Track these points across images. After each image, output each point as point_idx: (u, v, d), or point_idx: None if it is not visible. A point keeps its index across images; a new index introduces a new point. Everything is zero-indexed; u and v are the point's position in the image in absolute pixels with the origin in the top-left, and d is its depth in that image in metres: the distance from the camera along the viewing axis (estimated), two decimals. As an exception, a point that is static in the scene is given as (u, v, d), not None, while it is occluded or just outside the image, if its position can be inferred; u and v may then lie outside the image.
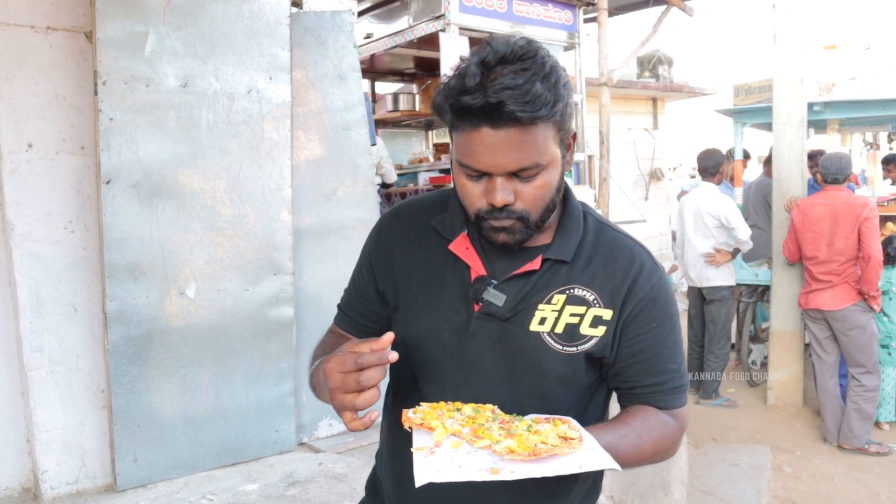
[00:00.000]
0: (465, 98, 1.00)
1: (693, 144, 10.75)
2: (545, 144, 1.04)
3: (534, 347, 1.12)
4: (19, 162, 2.76)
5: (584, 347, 1.12)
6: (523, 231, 1.09)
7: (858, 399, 4.37)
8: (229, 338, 3.09)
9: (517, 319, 1.12)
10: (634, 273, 1.15)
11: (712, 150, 5.52)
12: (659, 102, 10.78)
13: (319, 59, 3.44)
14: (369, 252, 1.28)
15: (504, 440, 0.97)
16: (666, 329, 1.17)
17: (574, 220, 1.18)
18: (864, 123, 7.23)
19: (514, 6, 4.53)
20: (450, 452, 0.95)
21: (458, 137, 1.06)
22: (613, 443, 1.05)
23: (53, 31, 2.81)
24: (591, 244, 1.17)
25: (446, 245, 1.18)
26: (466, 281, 1.15)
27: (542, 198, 1.08)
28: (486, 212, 1.08)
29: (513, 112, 0.98)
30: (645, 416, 1.15)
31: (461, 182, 1.09)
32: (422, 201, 1.29)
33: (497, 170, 1.04)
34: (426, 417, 1.02)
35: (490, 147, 1.02)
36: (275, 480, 2.98)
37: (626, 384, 1.17)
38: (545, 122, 1.03)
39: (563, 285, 1.13)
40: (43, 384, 2.83)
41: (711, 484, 3.97)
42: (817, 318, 4.55)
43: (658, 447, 1.14)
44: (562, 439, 0.98)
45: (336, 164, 3.49)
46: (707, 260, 5.22)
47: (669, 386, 1.17)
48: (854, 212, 4.32)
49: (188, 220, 2.98)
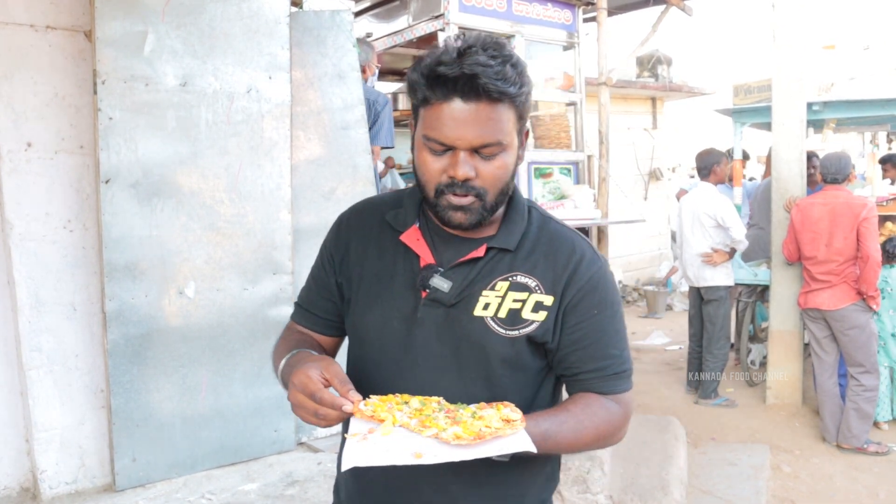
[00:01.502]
0: (441, 68, 1.08)
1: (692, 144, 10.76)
2: (507, 125, 1.12)
3: (478, 331, 1.17)
4: (18, 161, 2.75)
5: (526, 331, 1.17)
6: (479, 212, 1.15)
7: (857, 398, 4.37)
8: (228, 337, 3.09)
9: (462, 305, 1.18)
10: (575, 262, 1.20)
11: (707, 151, 5.52)
12: (658, 102, 10.78)
13: (319, 58, 3.44)
14: (329, 246, 1.34)
15: (450, 427, 1.02)
16: (607, 316, 1.21)
17: (519, 212, 1.24)
18: (863, 123, 7.23)
19: (513, 5, 4.53)
20: (381, 439, 1.00)
21: (426, 112, 1.12)
22: (553, 429, 1.10)
23: (53, 30, 2.81)
24: (534, 235, 1.23)
25: (398, 237, 1.23)
26: (416, 270, 1.21)
27: (500, 178, 1.14)
28: (447, 186, 1.13)
29: (485, 85, 1.06)
30: (587, 403, 1.19)
31: (423, 158, 1.15)
32: (378, 199, 1.37)
33: (462, 143, 1.10)
34: (376, 409, 1.05)
35: (458, 120, 1.09)
36: (274, 480, 2.98)
37: (570, 370, 1.22)
38: (509, 103, 1.11)
39: (507, 272, 1.19)
40: (42, 384, 2.82)
41: (710, 483, 3.98)
42: (816, 317, 4.55)
43: (600, 432, 1.19)
44: (505, 422, 1.04)
45: (335, 164, 3.49)
46: (704, 260, 5.22)
47: (611, 371, 1.21)
48: (853, 212, 4.32)
49: (187, 220, 2.97)
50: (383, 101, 4.09)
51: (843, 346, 4.45)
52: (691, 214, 5.34)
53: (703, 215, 5.22)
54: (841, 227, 4.35)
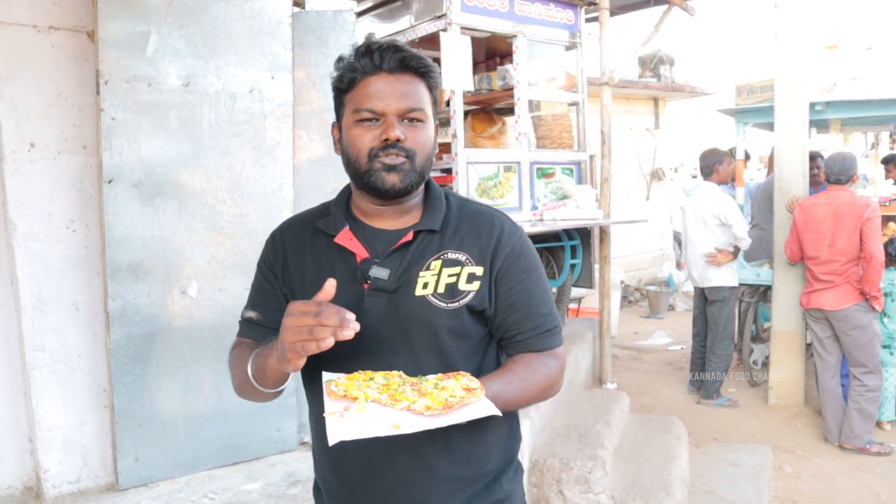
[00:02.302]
0: (370, 45, 1.25)
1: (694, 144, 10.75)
2: (426, 100, 1.28)
3: (422, 309, 1.27)
4: (21, 161, 2.76)
5: (465, 301, 1.28)
6: (409, 174, 1.26)
7: (860, 399, 4.36)
8: (231, 337, 3.05)
9: (403, 289, 1.28)
10: (497, 233, 1.33)
11: (710, 151, 5.52)
12: (660, 102, 10.77)
13: (321, 58, 3.45)
14: (268, 262, 1.44)
15: (419, 399, 1.10)
16: (533, 280, 1.34)
17: (437, 197, 1.36)
18: (866, 123, 7.22)
19: (515, 5, 4.52)
20: (357, 415, 1.07)
21: (353, 94, 1.27)
22: (501, 389, 1.21)
23: (56, 30, 2.82)
24: (455, 215, 1.35)
25: (332, 240, 1.33)
26: (354, 266, 1.30)
27: (425, 144, 1.28)
28: (380, 149, 1.24)
29: (406, 57, 1.25)
30: (528, 363, 1.31)
31: (354, 134, 1.27)
32: (305, 213, 1.49)
33: (391, 109, 1.24)
34: (348, 389, 1.13)
35: (386, 90, 1.24)
36: (276, 479, 2.98)
37: (508, 333, 1.33)
38: (425, 81, 1.28)
39: (437, 252, 1.30)
40: (45, 383, 2.83)
41: (712, 483, 3.97)
42: (819, 317, 4.55)
43: (542, 386, 1.31)
44: (466, 390, 1.14)
45: (337, 164, 3.46)
46: (708, 260, 5.22)
47: (545, 328, 1.33)
48: (856, 212, 4.32)
49: (190, 220, 2.98)
50: None
51: (845, 346, 4.44)
52: (695, 214, 5.34)
53: (706, 214, 5.22)
54: (844, 227, 4.35)
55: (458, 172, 4.12)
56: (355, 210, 1.38)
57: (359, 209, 1.37)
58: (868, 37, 14.63)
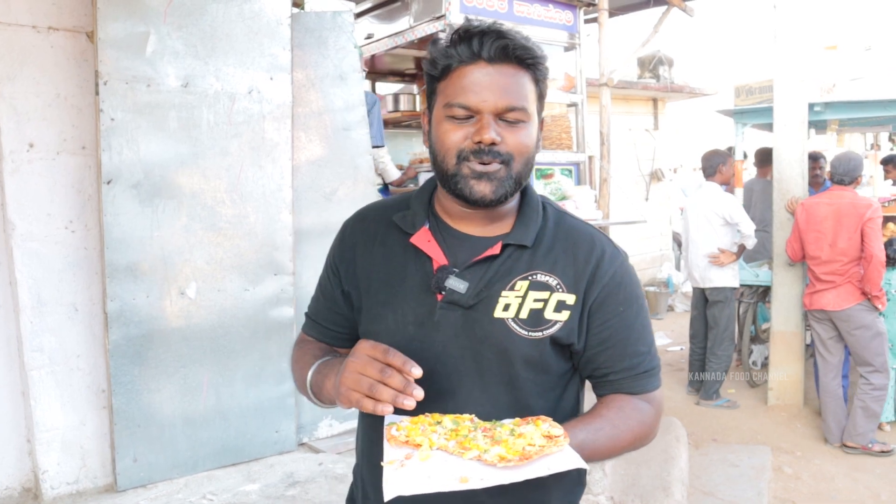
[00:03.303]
0: (468, 27, 1.09)
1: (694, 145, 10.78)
2: (530, 96, 1.11)
3: (499, 333, 1.12)
4: (20, 162, 2.76)
5: (550, 332, 1.13)
6: (504, 182, 1.10)
7: (865, 397, 4.35)
8: (230, 338, 3.09)
9: (481, 307, 1.13)
10: (597, 258, 1.16)
11: (716, 151, 5.52)
12: (659, 103, 10.77)
13: (320, 59, 3.45)
14: (334, 255, 1.30)
15: (492, 448, 0.96)
16: (633, 312, 1.18)
17: (533, 207, 1.20)
18: (865, 124, 7.22)
19: (514, 6, 4.53)
20: (420, 464, 0.95)
21: (447, 82, 1.11)
22: (589, 438, 1.06)
23: (55, 31, 2.82)
24: (551, 231, 1.18)
25: (407, 239, 1.18)
26: (429, 272, 1.16)
27: (525, 147, 1.11)
28: (472, 152, 1.09)
29: (511, 45, 1.07)
30: (620, 407, 1.15)
31: (444, 129, 1.11)
32: (383, 203, 1.32)
33: (487, 106, 1.07)
34: (410, 434, 1.00)
35: (483, 83, 1.07)
36: (275, 481, 2.98)
37: (599, 371, 1.18)
38: (531, 76, 1.11)
39: (526, 271, 1.14)
40: (43, 384, 2.83)
41: (712, 485, 3.97)
42: (822, 318, 4.54)
43: (636, 435, 1.15)
44: (547, 438, 0.99)
45: (336, 165, 3.50)
46: (711, 260, 5.21)
47: (642, 369, 1.18)
48: (857, 212, 4.31)
49: (189, 221, 2.98)
50: (371, 100, 4.09)
51: (850, 346, 4.43)
52: (698, 214, 5.33)
53: (711, 214, 5.22)
54: (845, 227, 4.34)
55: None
56: (438, 208, 1.22)
57: (442, 208, 1.21)
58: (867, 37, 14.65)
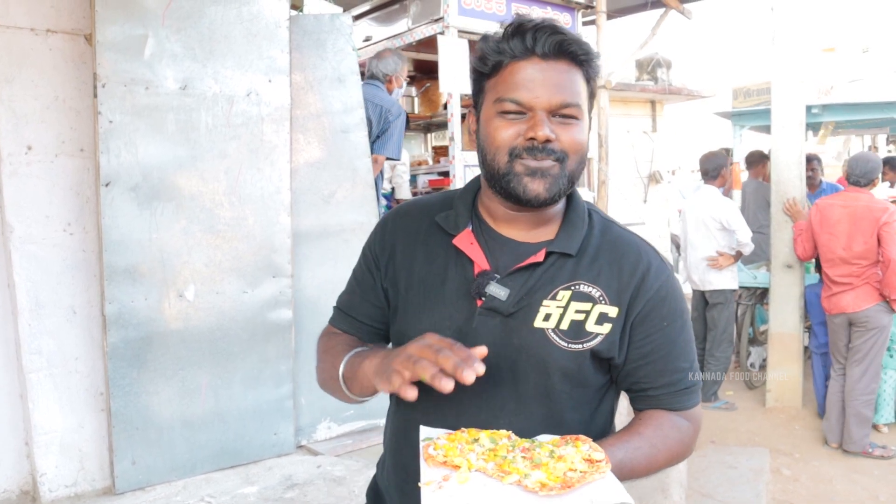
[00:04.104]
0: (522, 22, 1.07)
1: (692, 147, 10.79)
2: (583, 93, 1.09)
3: (538, 344, 1.09)
4: (18, 164, 2.76)
5: (590, 345, 1.10)
6: (558, 180, 1.08)
7: (855, 403, 4.35)
8: (228, 340, 3.09)
9: (521, 315, 1.10)
10: (642, 271, 1.13)
11: (714, 154, 5.52)
12: (658, 105, 10.78)
13: (318, 61, 3.45)
14: (374, 248, 1.26)
15: (532, 473, 0.94)
16: (677, 328, 1.15)
17: (579, 214, 1.16)
18: (863, 126, 7.24)
19: (512, 9, 4.54)
20: (458, 487, 0.93)
21: (497, 78, 1.09)
22: (627, 457, 1.04)
23: (53, 33, 2.82)
24: (596, 240, 1.15)
25: (450, 241, 1.16)
26: (469, 276, 1.13)
27: (579, 145, 1.08)
28: (525, 149, 1.06)
29: (566, 41, 1.05)
30: (658, 424, 1.13)
31: (494, 126, 1.08)
32: (426, 200, 1.28)
33: (540, 102, 1.05)
34: (448, 454, 0.98)
35: (537, 80, 1.05)
36: (273, 483, 2.98)
37: (638, 385, 1.16)
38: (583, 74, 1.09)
39: (569, 281, 1.11)
40: (42, 386, 2.82)
41: (710, 486, 3.97)
42: (841, 324, 4.49)
43: (673, 453, 1.14)
44: (587, 462, 0.96)
45: (335, 167, 3.50)
46: (710, 263, 5.22)
47: (682, 385, 1.16)
48: (873, 216, 4.28)
49: (187, 223, 2.98)
50: (397, 111, 4.06)
51: (857, 347, 4.39)
52: (696, 218, 5.33)
53: (708, 219, 5.22)
54: (860, 230, 4.31)
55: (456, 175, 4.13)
56: (482, 209, 1.19)
57: (486, 210, 1.18)
58: (865, 40, 14.68)
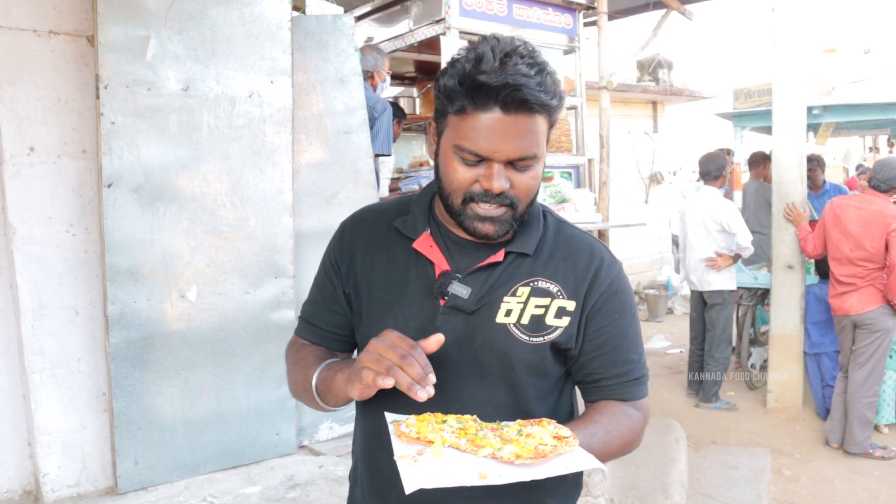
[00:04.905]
0: (482, 77, 1.03)
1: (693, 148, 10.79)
2: (542, 137, 1.10)
3: (501, 338, 1.14)
4: (21, 165, 2.76)
5: (550, 337, 1.15)
6: (508, 222, 1.12)
7: (858, 405, 4.36)
8: (230, 341, 3.10)
9: (483, 312, 1.15)
10: (595, 267, 1.19)
11: (714, 154, 5.52)
12: (659, 106, 10.79)
13: (321, 62, 3.46)
14: (333, 255, 1.29)
15: (505, 446, 0.97)
16: (626, 320, 1.21)
17: (535, 216, 1.21)
18: (864, 127, 7.23)
19: (514, 10, 4.54)
20: (434, 460, 0.95)
21: (460, 121, 1.08)
22: (584, 442, 1.06)
23: (55, 35, 2.83)
24: (551, 240, 1.21)
25: (409, 244, 1.19)
26: (431, 277, 1.17)
27: (531, 189, 1.12)
28: (479, 196, 1.09)
29: (528, 97, 1.03)
30: (612, 412, 1.18)
31: (452, 167, 1.10)
32: (382, 206, 1.33)
33: (500, 156, 1.07)
34: (421, 430, 1.00)
35: (497, 132, 1.05)
36: (275, 483, 2.98)
37: (591, 377, 1.21)
38: (546, 116, 1.09)
39: (527, 278, 1.17)
40: (44, 387, 2.83)
41: (711, 487, 3.98)
42: (846, 326, 4.49)
43: (626, 441, 1.18)
44: (556, 438, 1.00)
45: (337, 168, 3.50)
46: (709, 264, 5.22)
47: (633, 376, 1.21)
48: (884, 221, 4.28)
49: (189, 224, 2.98)
50: (382, 107, 4.08)
51: (860, 349, 4.39)
52: (696, 219, 5.33)
53: (708, 220, 5.22)
54: (870, 234, 4.32)
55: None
56: (439, 213, 1.23)
57: (443, 214, 1.21)
58: (866, 40, 14.68)
